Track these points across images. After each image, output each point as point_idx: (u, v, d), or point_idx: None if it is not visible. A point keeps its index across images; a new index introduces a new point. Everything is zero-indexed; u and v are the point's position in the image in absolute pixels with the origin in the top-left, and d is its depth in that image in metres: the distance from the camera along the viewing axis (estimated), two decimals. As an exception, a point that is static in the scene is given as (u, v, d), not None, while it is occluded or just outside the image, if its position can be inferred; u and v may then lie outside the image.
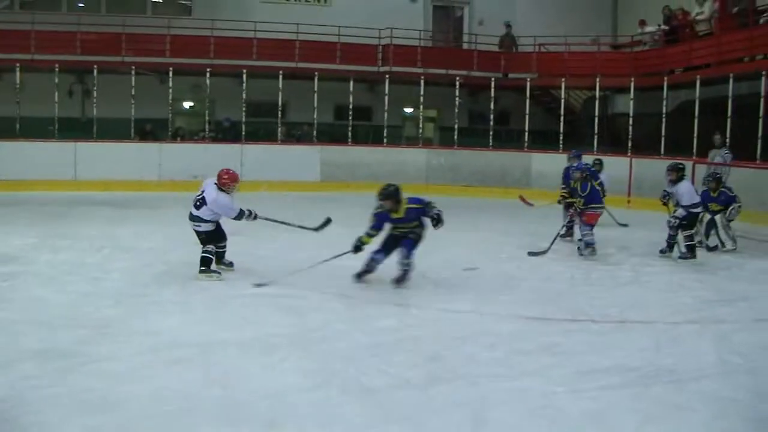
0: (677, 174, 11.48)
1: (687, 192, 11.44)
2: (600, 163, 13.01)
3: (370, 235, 8.89)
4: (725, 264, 11.34)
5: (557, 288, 9.56)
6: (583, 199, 11.46)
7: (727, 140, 17.88)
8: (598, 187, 11.88)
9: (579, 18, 26.24)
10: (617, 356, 6.69)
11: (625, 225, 13.41)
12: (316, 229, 9.74)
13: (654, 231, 12.71)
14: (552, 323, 7.80)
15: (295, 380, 5.88)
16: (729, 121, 18.12)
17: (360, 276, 9.07)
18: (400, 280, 8.94)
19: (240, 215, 9.22)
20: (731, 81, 18.40)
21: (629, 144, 20.53)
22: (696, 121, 19.10)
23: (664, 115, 20.24)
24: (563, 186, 13.11)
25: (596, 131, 21.54)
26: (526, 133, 22.51)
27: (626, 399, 5.67)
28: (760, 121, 17.42)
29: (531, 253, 11.51)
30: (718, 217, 12.20)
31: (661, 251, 11.62)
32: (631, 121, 20.96)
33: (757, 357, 6.79)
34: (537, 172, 20.99)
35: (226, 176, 9.31)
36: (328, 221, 9.74)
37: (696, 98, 19.32)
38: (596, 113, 21.83)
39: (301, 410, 5.31)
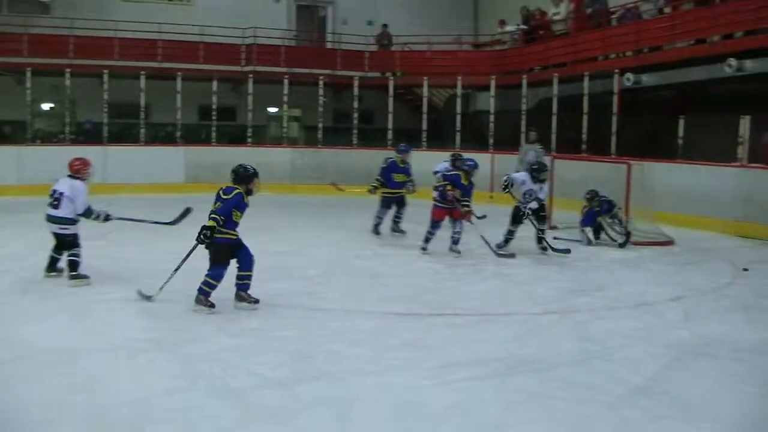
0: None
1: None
2: (460, 158, 13.16)
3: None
4: (584, 256, 11.72)
5: (421, 283, 9.64)
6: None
7: (584, 136, 18.50)
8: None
9: (441, 18, 26.71)
10: (480, 348, 6.80)
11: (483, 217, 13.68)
12: (173, 223, 9.28)
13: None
14: (416, 318, 7.85)
15: (161, 383, 5.73)
16: (585, 117, 18.73)
17: None
18: None
19: (88, 213, 8.84)
20: (586, 79, 19.02)
21: (491, 141, 20.92)
22: (554, 117, 19.65)
23: (523, 112, 20.76)
24: (379, 178, 13.08)
25: (459, 128, 21.88)
26: (390, 131, 22.66)
27: (489, 389, 5.75)
28: (614, 117, 18.07)
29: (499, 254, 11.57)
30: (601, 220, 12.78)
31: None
32: (492, 118, 21.41)
33: (611, 343, 7.03)
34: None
35: (77, 162, 9.01)
36: (186, 212, 9.28)
37: (554, 96, 19.88)
38: (458, 111, 22.16)
39: (167, 414, 5.18)
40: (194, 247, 7.80)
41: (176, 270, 8.02)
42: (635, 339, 7.22)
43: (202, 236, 7.53)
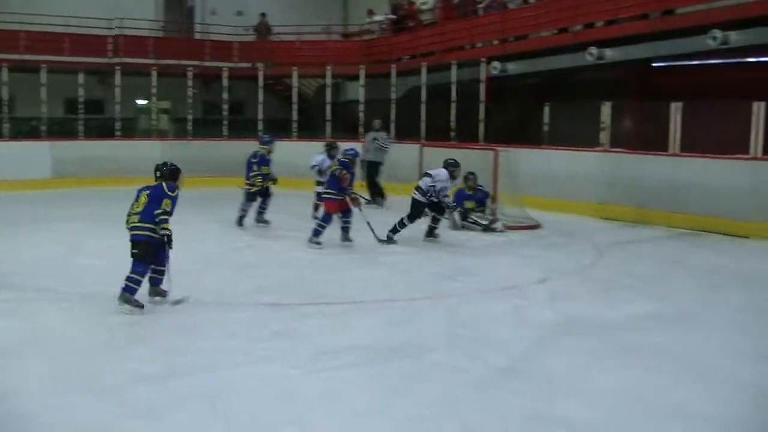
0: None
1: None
2: (335, 147, 13.16)
3: None
4: (457, 242, 11.89)
5: (295, 274, 9.61)
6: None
7: (453, 124, 18.75)
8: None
9: (310, 8, 26.68)
10: (353, 336, 6.83)
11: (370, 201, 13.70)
12: None
13: (391, 214, 13.01)
14: (289, 308, 7.82)
15: (29, 383, 5.56)
16: (453, 105, 18.99)
17: None
18: None
19: None
20: (454, 68, 19.27)
21: (360, 130, 20.99)
22: (423, 106, 19.84)
23: (393, 101, 20.86)
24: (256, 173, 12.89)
25: (329, 118, 21.84)
26: (260, 122, 22.44)
27: (362, 376, 5.79)
28: (482, 105, 18.39)
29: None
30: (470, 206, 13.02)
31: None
32: (362, 108, 21.44)
33: (480, 326, 7.18)
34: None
35: None
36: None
37: (422, 84, 20.07)
38: (328, 101, 22.12)
39: (36, 413, 5.03)
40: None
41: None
42: (503, 321, 7.41)
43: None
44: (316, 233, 11.22)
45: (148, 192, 7.60)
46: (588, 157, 15.20)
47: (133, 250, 7.48)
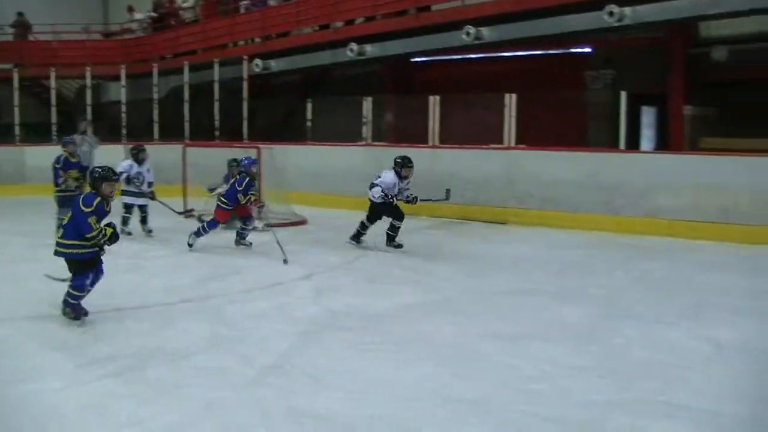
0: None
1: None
2: (143, 150, 12.37)
3: None
4: (222, 242, 11.61)
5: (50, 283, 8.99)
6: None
7: (217, 122, 18.47)
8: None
9: (68, 5, 25.41)
10: (114, 344, 6.49)
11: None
12: None
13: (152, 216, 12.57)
14: (47, 320, 7.30)
15: None
16: (216, 104, 18.70)
17: None
18: None
19: None
20: (217, 66, 18.98)
21: (123, 131, 20.23)
22: (186, 105, 19.41)
23: (155, 101, 20.27)
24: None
25: (91, 120, 20.85)
26: (17, 127, 21.09)
27: (122, 385, 5.51)
28: (245, 103, 18.22)
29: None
30: None
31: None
32: (124, 109, 20.66)
33: (244, 326, 7.06)
34: (32, 166, 19.72)
35: None
36: None
37: (185, 83, 19.63)
38: (89, 102, 21.14)
39: None
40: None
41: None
42: (267, 319, 7.30)
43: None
44: (198, 235, 10.88)
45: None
46: (351, 151, 15.41)
47: None
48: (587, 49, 16.50)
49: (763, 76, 14.93)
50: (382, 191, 10.84)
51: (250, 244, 11.19)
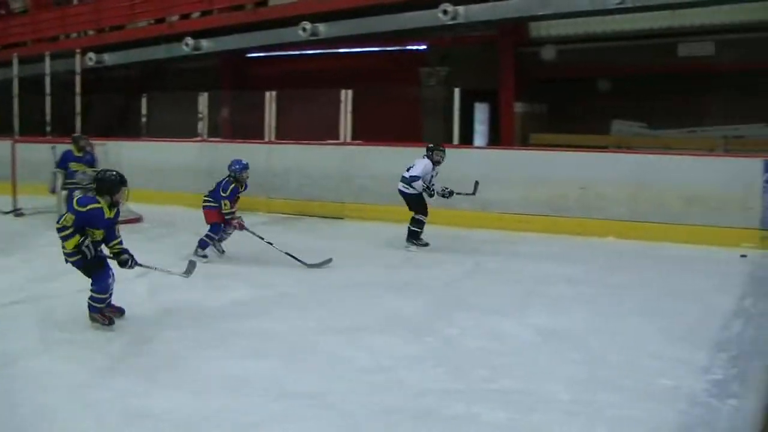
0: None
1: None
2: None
3: None
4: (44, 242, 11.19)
5: None
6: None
7: (48, 117, 17.77)
8: None
9: None
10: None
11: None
12: None
13: None
14: None
15: None
16: (48, 98, 17.99)
17: None
18: None
19: None
20: (48, 59, 18.25)
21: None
22: (16, 100, 18.56)
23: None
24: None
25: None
26: None
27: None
28: (78, 97, 17.62)
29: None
30: None
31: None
32: (-53, 103, 19.59)
33: (75, 328, 6.78)
34: None
35: None
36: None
37: (14, 77, 18.76)
38: None
39: None
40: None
41: None
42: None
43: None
44: (203, 246, 10.08)
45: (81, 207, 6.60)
46: (187, 147, 15.17)
47: None
48: (422, 47, 16.80)
49: (588, 74, 15.66)
50: (422, 182, 10.70)
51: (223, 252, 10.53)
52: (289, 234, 12.04)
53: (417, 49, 16.69)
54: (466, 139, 14.53)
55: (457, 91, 13.24)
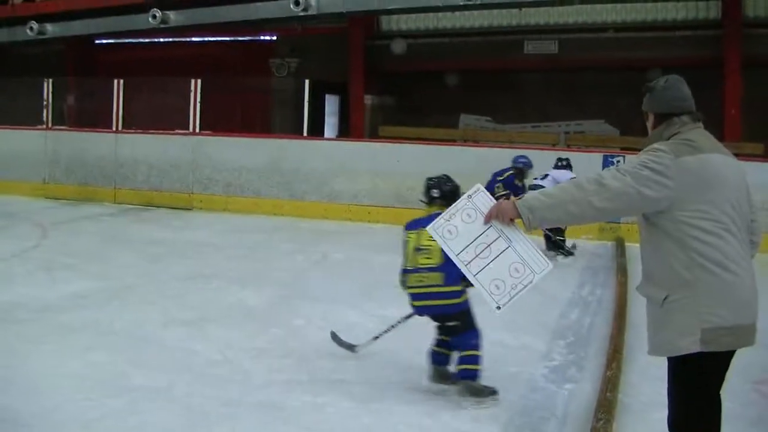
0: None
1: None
2: None
3: None
4: None
5: None
6: None
7: None
8: None
9: None
10: None
11: None
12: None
13: None
14: None
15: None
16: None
17: None
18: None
19: None
20: None
21: None
22: None
23: None
24: None
25: None
26: None
27: None
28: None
29: None
30: None
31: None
32: None
33: None
34: None
35: None
36: None
37: None
38: None
39: None
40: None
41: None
42: None
43: None
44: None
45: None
46: (30, 135, 14.73)
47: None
48: (273, 37, 16.82)
49: (437, 69, 16.02)
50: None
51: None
52: (135, 225, 11.89)
53: (268, 40, 16.69)
54: (316, 131, 14.64)
55: (307, 83, 13.34)
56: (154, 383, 5.15)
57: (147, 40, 16.99)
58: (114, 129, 14.05)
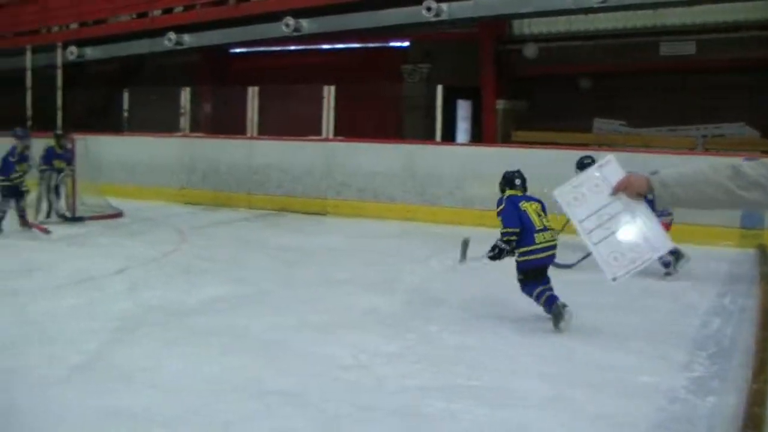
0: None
1: None
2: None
3: None
4: (29, 235, 11.14)
5: None
6: None
7: (29, 112, 17.72)
8: None
9: None
10: None
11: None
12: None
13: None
14: None
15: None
16: (29, 93, 17.93)
17: None
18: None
19: None
20: (29, 52, 18.17)
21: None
22: (-5, 93, 18.51)
23: (-39, 89, 19.16)
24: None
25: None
26: None
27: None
28: (59, 92, 17.55)
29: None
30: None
31: None
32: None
33: (51, 324, 6.71)
34: None
35: None
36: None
37: (-7, 70, 18.73)
38: None
39: None
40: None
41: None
42: (77, 316, 6.99)
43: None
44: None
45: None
46: (168, 142, 15.16)
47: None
48: (404, 44, 16.84)
49: (570, 72, 15.71)
50: None
51: None
52: (269, 231, 12.04)
53: (399, 46, 16.73)
54: (448, 136, 14.57)
55: (439, 88, 13.27)
56: (288, 387, 5.17)
57: (278, 48, 17.29)
58: (248, 136, 14.31)
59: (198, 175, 14.62)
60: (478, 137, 15.80)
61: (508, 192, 7.00)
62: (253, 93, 14.34)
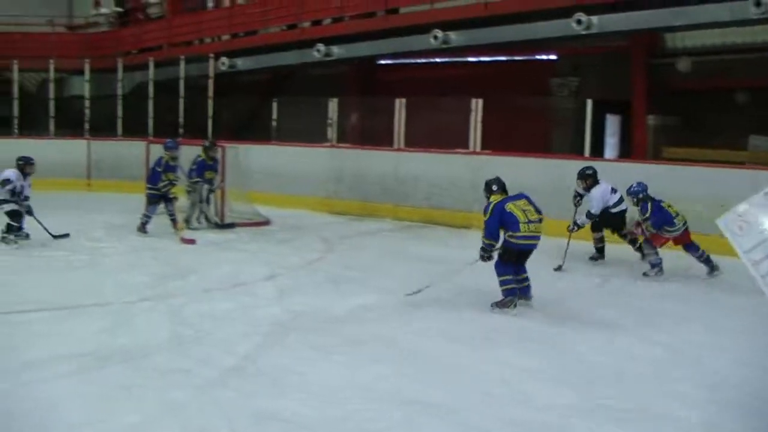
0: (586, 182, 10.98)
1: (596, 199, 10.85)
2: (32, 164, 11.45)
3: None
4: (209, 240, 11.57)
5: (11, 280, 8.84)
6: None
7: (181, 120, 18.33)
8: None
9: (33, -1, 24.95)
10: (70, 342, 6.34)
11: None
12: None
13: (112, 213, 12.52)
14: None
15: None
16: (182, 101, 18.54)
17: None
18: None
19: None
20: (183, 63, 18.82)
21: (86, 126, 19.94)
22: (151, 102, 19.19)
23: (119, 97, 19.97)
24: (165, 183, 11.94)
25: (52, 114, 20.54)
26: (-24, 119, 20.74)
27: (79, 385, 5.39)
28: (210, 101, 18.10)
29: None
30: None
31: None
32: (87, 104, 20.33)
33: (204, 326, 6.96)
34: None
35: None
36: None
37: (150, 80, 19.41)
38: (52, 96, 20.78)
39: None
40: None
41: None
42: (229, 320, 7.21)
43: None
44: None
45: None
46: (316, 152, 15.39)
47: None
48: (552, 56, 16.62)
49: (724, 87, 15.13)
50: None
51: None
52: (414, 242, 12.06)
53: (547, 59, 16.53)
54: (597, 151, 14.27)
55: (589, 102, 13.01)
56: (433, 399, 5.22)
57: (424, 60, 17.37)
58: (395, 147, 14.40)
59: (345, 185, 14.78)
60: (626, 153, 15.43)
61: (492, 198, 7.98)
62: (400, 104, 14.41)
